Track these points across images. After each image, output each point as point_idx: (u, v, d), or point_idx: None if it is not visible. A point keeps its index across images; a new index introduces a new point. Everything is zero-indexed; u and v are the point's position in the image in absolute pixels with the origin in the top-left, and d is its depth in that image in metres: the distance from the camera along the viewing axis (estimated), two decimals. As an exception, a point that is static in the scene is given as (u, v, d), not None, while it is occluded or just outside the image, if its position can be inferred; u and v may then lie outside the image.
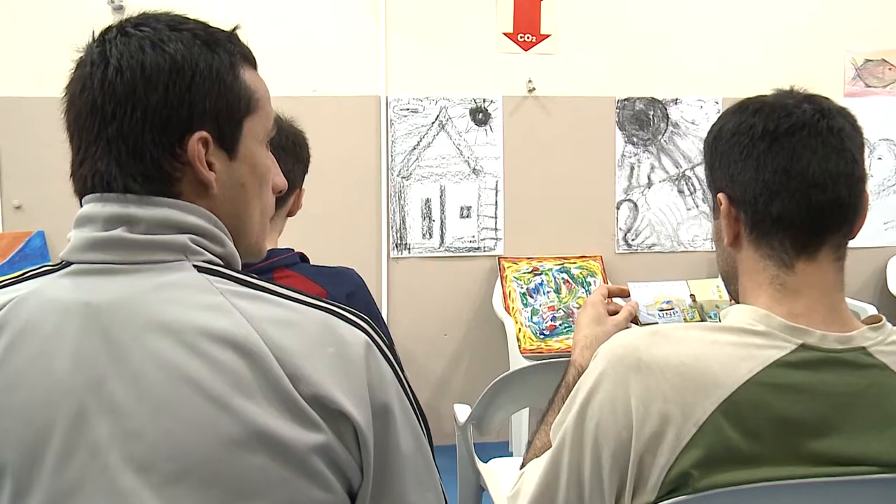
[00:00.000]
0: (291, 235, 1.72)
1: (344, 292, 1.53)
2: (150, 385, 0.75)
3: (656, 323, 1.26)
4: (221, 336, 0.77)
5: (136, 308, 0.78)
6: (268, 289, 0.83)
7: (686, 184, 3.75)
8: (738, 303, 1.05)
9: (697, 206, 3.76)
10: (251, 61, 0.91)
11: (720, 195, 1.04)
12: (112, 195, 0.82)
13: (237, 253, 0.89)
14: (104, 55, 0.82)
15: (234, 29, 0.90)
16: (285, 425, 0.76)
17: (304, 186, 1.68)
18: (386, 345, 0.86)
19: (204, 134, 0.83)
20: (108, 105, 0.81)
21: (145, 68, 0.81)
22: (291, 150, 1.62)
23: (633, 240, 3.73)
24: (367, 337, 0.84)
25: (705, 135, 1.09)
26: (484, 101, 3.60)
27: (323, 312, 0.83)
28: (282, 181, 1.06)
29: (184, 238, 0.82)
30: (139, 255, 0.80)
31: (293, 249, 1.58)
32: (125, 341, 0.77)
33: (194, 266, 0.82)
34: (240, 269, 0.88)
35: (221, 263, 0.85)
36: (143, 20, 0.85)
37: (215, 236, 0.85)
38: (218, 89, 0.85)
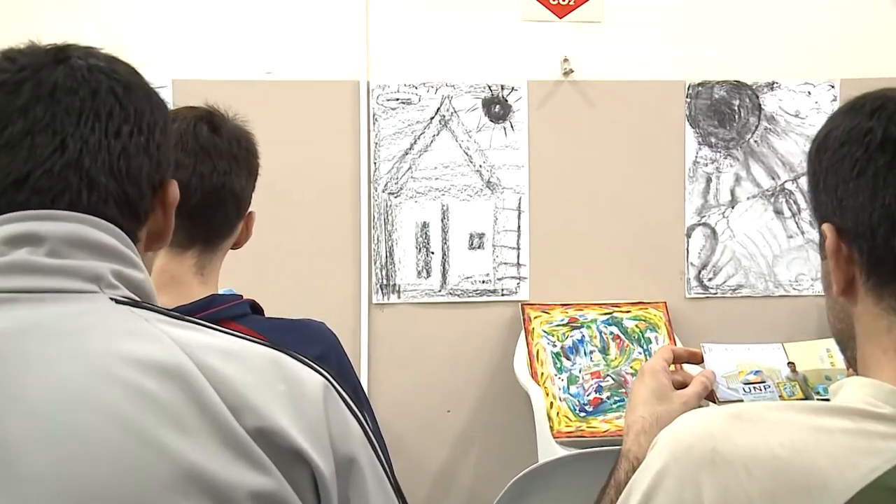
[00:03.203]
0: (236, 275, 1.73)
1: (311, 354, 1.55)
2: (56, 421, 0.83)
3: (740, 401, 1.27)
4: (147, 362, 0.86)
5: (38, 335, 0.87)
6: (200, 323, 0.95)
7: (787, 201, 3.75)
8: (856, 373, 1.06)
9: (803, 233, 3.75)
10: None
11: (825, 226, 1.05)
12: (10, 214, 0.91)
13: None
14: (98, 70, 0.99)
15: None
16: (225, 465, 0.85)
17: (252, 207, 1.69)
18: (352, 399, 0.98)
19: (175, 182, 1.05)
20: (120, 121, 0.98)
21: (150, 96, 1.03)
22: (244, 159, 1.62)
23: (709, 280, 3.74)
24: (325, 380, 0.96)
25: (814, 132, 1.11)
26: (502, 88, 3.63)
27: (271, 349, 0.95)
28: None
29: (101, 268, 0.93)
30: (44, 281, 0.90)
31: (241, 296, 1.60)
32: (23, 371, 0.85)
33: (111, 299, 0.92)
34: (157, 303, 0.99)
35: (139, 299, 0.95)
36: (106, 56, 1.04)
37: (133, 261, 0.97)
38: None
